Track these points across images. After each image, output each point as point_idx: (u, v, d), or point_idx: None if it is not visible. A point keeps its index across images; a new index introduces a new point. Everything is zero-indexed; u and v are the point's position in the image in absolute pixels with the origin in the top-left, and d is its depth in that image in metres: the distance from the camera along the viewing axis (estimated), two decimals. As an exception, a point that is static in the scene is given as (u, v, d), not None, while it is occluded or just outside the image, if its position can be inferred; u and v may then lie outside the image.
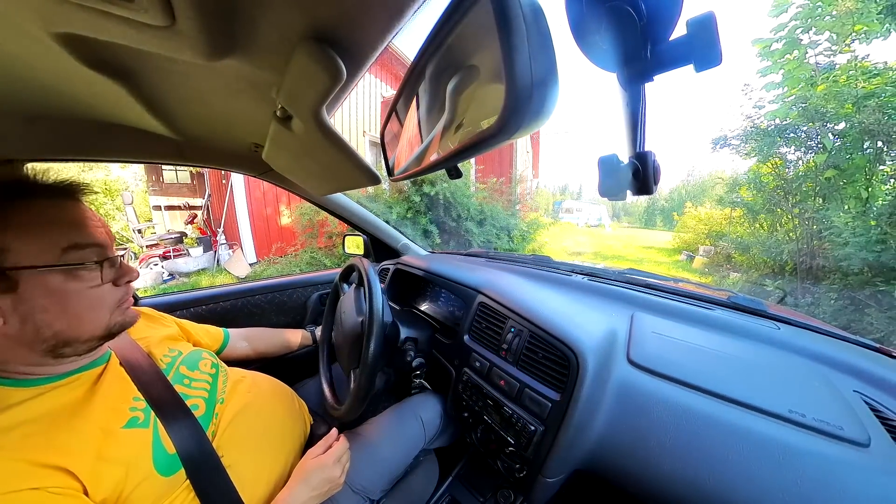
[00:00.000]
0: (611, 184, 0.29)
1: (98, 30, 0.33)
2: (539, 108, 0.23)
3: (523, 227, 5.92)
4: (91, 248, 0.45)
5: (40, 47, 0.39)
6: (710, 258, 7.08)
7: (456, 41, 0.30)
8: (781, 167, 4.73)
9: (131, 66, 0.45)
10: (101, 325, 0.47)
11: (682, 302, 0.78)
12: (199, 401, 0.59)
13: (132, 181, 8.84)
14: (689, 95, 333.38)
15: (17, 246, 0.40)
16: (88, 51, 0.39)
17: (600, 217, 29.45)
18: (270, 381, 0.78)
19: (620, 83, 0.29)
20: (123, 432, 0.47)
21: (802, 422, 0.47)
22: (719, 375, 0.55)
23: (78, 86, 0.53)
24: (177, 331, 0.74)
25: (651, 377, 0.58)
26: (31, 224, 0.42)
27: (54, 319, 0.43)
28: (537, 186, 17.75)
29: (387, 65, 6.38)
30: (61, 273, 0.42)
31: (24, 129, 0.70)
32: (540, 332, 0.66)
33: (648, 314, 0.75)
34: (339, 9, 0.30)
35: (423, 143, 0.45)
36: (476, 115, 0.33)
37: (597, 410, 0.58)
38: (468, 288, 0.89)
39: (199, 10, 0.29)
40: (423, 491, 0.81)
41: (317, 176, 0.79)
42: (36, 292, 0.41)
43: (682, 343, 0.64)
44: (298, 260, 5.29)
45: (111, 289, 0.48)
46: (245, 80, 0.45)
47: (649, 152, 0.28)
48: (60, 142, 0.76)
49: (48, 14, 0.32)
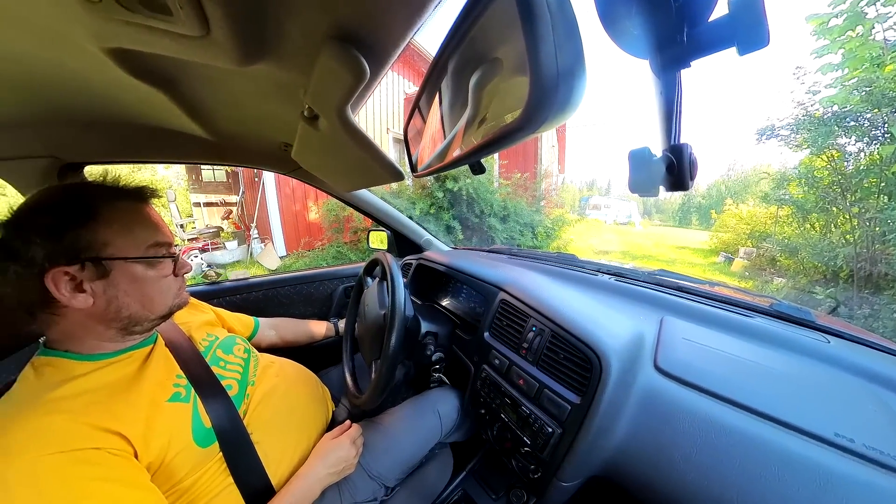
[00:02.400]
0: (642, 179, 0.28)
1: (143, 43, 0.36)
2: (565, 99, 0.22)
3: (548, 224, 5.79)
4: (164, 245, 0.54)
5: (95, 62, 0.43)
6: (751, 261, 6.55)
7: (478, 34, 0.29)
8: (839, 160, 4.24)
9: (172, 75, 0.49)
10: (166, 306, 0.55)
11: (718, 307, 0.72)
12: (232, 381, 0.63)
13: (175, 180, 9.51)
14: (731, 82, 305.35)
15: (114, 240, 0.48)
16: (135, 62, 0.44)
17: (630, 214, 28.14)
18: (297, 367, 0.82)
19: (653, 70, 0.27)
20: (168, 405, 0.52)
21: (850, 447, 0.42)
22: (756, 389, 0.51)
23: (127, 94, 0.59)
24: (214, 317, 0.80)
25: (679, 386, 0.55)
26: (124, 222, 0.50)
27: (133, 301, 0.51)
28: (563, 182, 17.23)
29: (409, 61, 6.40)
30: (144, 264, 0.51)
31: (82, 135, 0.78)
32: (562, 333, 0.64)
33: (679, 319, 0.71)
34: (362, 8, 0.31)
35: (446, 138, 0.45)
36: (500, 108, 0.33)
37: (618, 417, 0.56)
38: (490, 285, 0.89)
39: (231, 20, 0.31)
40: (437, 483, 0.82)
41: (342, 173, 0.81)
42: (123, 279, 0.49)
43: (716, 352, 0.60)
44: (325, 254, 5.47)
45: (173, 278, 0.56)
46: (274, 82, 0.48)
47: (685, 145, 0.26)
48: (113, 146, 0.84)
49: (101, 32, 0.36)
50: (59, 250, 0.45)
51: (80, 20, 0.33)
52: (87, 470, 0.39)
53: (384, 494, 0.72)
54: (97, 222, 0.47)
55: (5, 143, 0.75)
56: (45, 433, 0.40)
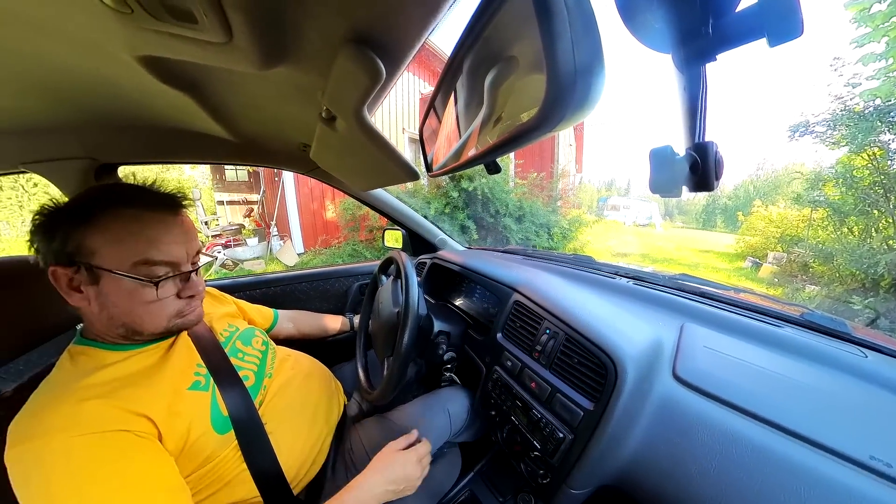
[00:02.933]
0: (664, 179, 0.27)
1: (171, 50, 0.39)
2: (583, 97, 0.21)
3: (564, 225, 5.68)
4: (161, 265, 0.50)
5: (127, 69, 0.46)
6: (780, 266, 6.19)
7: (493, 32, 0.29)
8: (881, 158, 3.95)
9: (198, 80, 0.52)
10: (159, 326, 0.53)
11: (743, 315, 0.69)
12: (249, 372, 0.65)
13: (200, 179, 9.92)
14: (760, 75, 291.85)
15: (102, 250, 0.47)
16: (164, 69, 0.46)
17: (650, 215, 27.26)
18: (311, 361, 0.84)
19: (676, 65, 0.25)
20: (188, 392, 0.54)
21: (887, 472, 0.39)
22: (783, 404, 0.48)
23: (156, 99, 0.62)
24: (235, 309, 0.83)
25: (698, 396, 0.52)
26: (116, 232, 0.47)
27: (122, 314, 0.50)
28: (580, 181, 16.88)
29: (425, 62, 6.43)
30: (130, 280, 0.48)
31: (116, 137, 0.83)
32: (577, 336, 0.63)
33: (701, 326, 0.68)
34: (377, 10, 0.31)
35: (462, 138, 0.45)
36: (516, 107, 0.32)
37: (633, 426, 0.54)
38: (504, 285, 0.88)
39: (252, 26, 0.32)
40: (444, 482, 0.82)
41: (359, 172, 0.82)
42: (111, 290, 0.48)
43: (740, 362, 0.57)
44: (341, 251, 5.58)
45: (174, 300, 0.53)
46: (293, 85, 0.49)
47: (710, 143, 0.25)
48: (144, 147, 0.89)
49: (133, 41, 0.38)
50: (54, 249, 0.46)
51: (115, 31, 0.36)
52: (115, 450, 0.42)
53: None
54: (90, 227, 0.46)
55: (49, 145, 0.80)
56: (78, 416, 0.42)
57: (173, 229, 0.52)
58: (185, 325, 0.56)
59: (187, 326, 0.57)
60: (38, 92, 0.59)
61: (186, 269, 0.53)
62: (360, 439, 0.75)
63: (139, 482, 0.41)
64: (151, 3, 0.29)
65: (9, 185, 5.85)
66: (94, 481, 0.39)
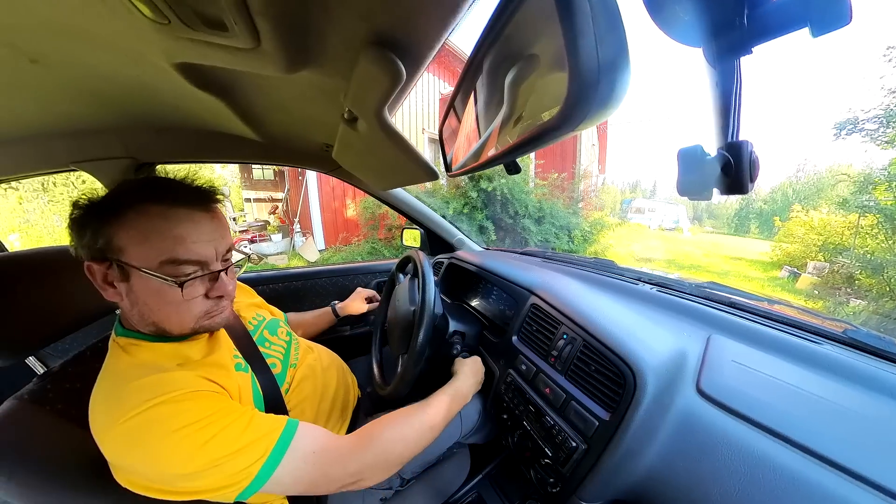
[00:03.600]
0: (693, 180, 0.25)
1: (204, 57, 0.41)
2: (607, 95, 0.21)
3: (585, 227, 5.55)
4: (188, 264, 0.48)
5: (165, 75, 0.49)
6: (822, 278, 5.74)
7: (513, 31, 0.29)
8: None
9: (228, 84, 0.55)
10: (186, 327, 0.52)
11: (778, 329, 0.64)
12: (276, 360, 0.68)
13: (229, 178, 10.39)
14: (802, 68, 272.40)
15: (130, 248, 0.46)
16: (197, 74, 0.49)
17: (677, 219, 26.07)
18: (330, 354, 0.87)
19: (708, 59, 0.24)
20: (236, 372, 0.57)
21: None
22: (819, 428, 0.44)
23: (190, 102, 0.66)
24: (260, 300, 0.86)
25: (723, 413, 0.49)
26: (142, 230, 0.46)
27: (151, 313, 0.50)
28: (603, 183, 16.37)
29: (444, 62, 6.45)
30: (157, 280, 0.46)
31: (155, 138, 0.90)
32: (595, 343, 0.61)
33: (730, 338, 0.63)
34: (397, 12, 0.31)
35: (481, 138, 0.45)
36: (536, 106, 0.32)
37: (651, 440, 0.51)
38: (521, 287, 0.87)
39: (278, 32, 0.34)
40: (452, 482, 0.83)
41: (380, 172, 0.84)
42: (140, 288, 0.48)
43: (772, 380, 0.53)
44: (360, 249, 5.69)
45: (201, 300, 0.51)
46: (317, 87, 0.51)
47: (744, 142, 0.23)
48: (179, 147, 0.95)
49: (170, 49, 0.41)
50: (86, 245, 0.47)
51: (154, 41, 0.38)
52: (212, 401, 0.46)
53: (399, 485, 0.74)
54: (118, 224, 0.45)
55: (94, 146, 0.88)
56: (169, 383, 0.45)
57: (202, 226, 0.49)
58: (211, 327, 0.55)
59: (214, 328, 0.56)
60: (87, 98, 0.64)
61: (216, 267, 0.51)
62: None
63: (239, 426, 0.45)
64: (186, 13, 0.31)
65: (61, 182, 6.36)
66: (208, 426, 0.43)
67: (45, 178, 6.14)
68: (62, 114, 0.71)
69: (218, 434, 0.43)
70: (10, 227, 5.83)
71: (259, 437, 0.45)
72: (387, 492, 0.72)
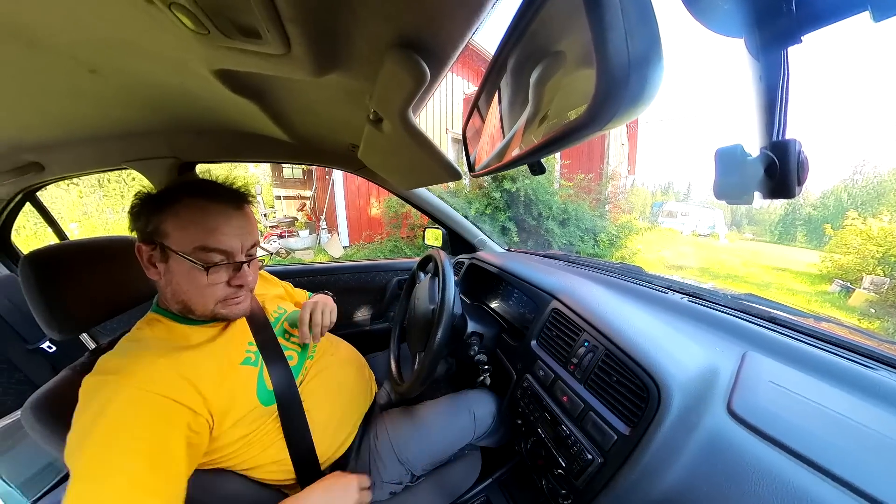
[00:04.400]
0: (732, 183, 0.23)
1: (240, 63, 0.44)
2: (637, 91, 0.19)
3: (612, 231, 5.35)
4: (215, 252, 0.55)
5: (205, 82, 0.53)
6: (880, 294, 5.16)
7: (539, 27, 0.28)
8: None
9: (261, 88, 0.58)
10: (207, 309, 0.58)
11: (825, 350, 0.58)
12: (293, 353, 0.71)
13: (262, 176, 10.93)
14: (860, 56, 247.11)
15: (173, 233, 0.54)
16: (234, 80, 0.52)
17: (713, 224, 24.49)
18: (349, 348, 0.89)
19: (750, 51, 0.22)
20: (240, 367, 0.61)
21: None
22: (869, 465, 0.39)
23: (227, 106, 0.70)
24: (283, 292, 0.90)
25: (755, 437, 0.45)
26: (183, 219, 0.54)
27: (180, 292, 0.57)
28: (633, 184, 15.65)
29: (468, 62, 6.43)
30: (189, 262, 0.54)
31: (195, 140, 0.97)
32: (618, 353, 0.58)
33: (768, 356, 0.58)
34: (421, 13, 0.32)
35: (505, 137, 0.44)
36: (563, 104, 0.31)
37: (673, 460, 0.48)
38: (543, 291, 0.85)
39: (308, 38, 0.35)
40: (461, 483, 0.82)
41: (404, 172, 0.85)
42: (175, 268, 0.55)
43: (813, 405, 0.48)
44: (383, 247, 5.80)
45: (223, 287, 0.57)
46: (344, 90, 0.53)
47: (792, 141, 0.21)
48: (217, 148, 1.02)
49: (209, 57, 0.44)
50: (140, 229, 0.56)
51: (195, 50, 0.42)
52: (155, 413, 0.47)
53: (409, 480, 0.75)
54: (167, 213, 0.54)
55: (144, 147, 0.96)
56: (148, 372, 0.50)
57: (232, 221, 0.56)
58: (229, 315, 0.60)
59: (231, 317, 0.61)
60: (137, 103, 0.70)
61: (239, 259, 0.58)
62: (386, 427, 0.78)
63: (148, 449, 0.45)
64: (224, 23, 0.33)
65: (114, 179, 6.94)
66: (128, 433, 0.44)
67: (100, 175, 6.71)
68: (116, 118, 0.79)
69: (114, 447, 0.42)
70: (71, 218, 6.42)
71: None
72: (397, 486, 0.73)
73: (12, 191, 1.15)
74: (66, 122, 0.78)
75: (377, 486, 0.72)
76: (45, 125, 0.78)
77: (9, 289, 1.23)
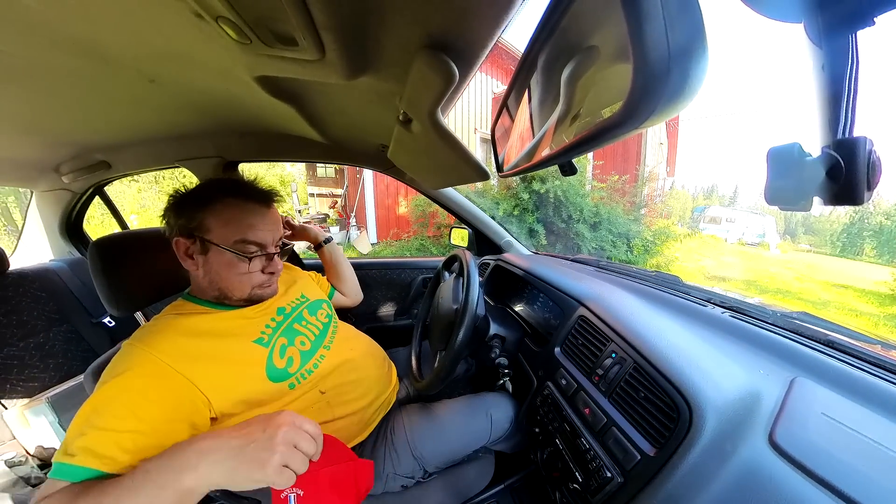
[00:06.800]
0: (787, 186, 0.21)
1: (278, 69, 0.47)
2: (678, 86, 0.18)
3: (647, 237, 5.08)
4: (253, 245, 0.63)
5: (247, 88, 0.58)
6: None
7: (570, 22, 0.27)
8: None
9: (298, 92, 0.62)
10: (244, 293, 0.66)
11: (893, 382, 0.50)
12: (306, 339, 0.74)
13: (297, 175, 11.52)
14: None
15: (215, 228, 0.60)
16: (273, 85, 0.57)
17: (763, 232, 22.30)
18: (371, 342, 0.92)
19: (811, 37, 0.20)
20: (252, 345, 0.65)
21: None
22: None
23: (267, 109, 0.76)
24: (308, 281, 0.94)
25: (800, 475, 0.40)
26: (226, 216, 0.61)
27: (219, 280, 0.63)
28: (671, 186, 14.68)
29: (497, 61, 6.36)
30: (230, 254, 0.61)
31: (238, 141, 1.07)
32: (647, 367, 0.54)
33: (821, 385, 0.51)
34: (449, 14, 0.32)
35: (535, 137, 0.43)
36: (596, 102, 0.29)
37: (701, 489, 0.44)
38: (570, 297, 0.82)
39: (341, 43, 0.38)
40: (473, 485, 0.81)
41: (432, 171, 0.87)
42: (215, 260, 0.62)
43: (873, 445, 0.41)
44: (410, 245, 5.88)
45: (259, 274, 0.65)
46: (374, 92, 0.55)
47: (861, 138, 0.18)
48: (258, 148, 1.11)
49: (251, 65, 0.48)
50: (180, 224, 0.61)
51: (238, 58, 0.46)
52: (165, 384, 0.52)
53: (421, 476, 0.76)
54: (209, 210, 0.60)
55: (193, 147, 1.07)
56: (172, 347, 0.56)
57: (266, 218, 0.65)
58: (262, 297, 0.69)
59: (264, 298, 0.69)
60: (188, 108, 0.77)
61: (272, 251, 0.66)
62: (403, 422, 0.79)
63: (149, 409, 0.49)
64: (264, 33, 0.36)
65: (169, 176, 7.59)
66: (139, 394, 0.49)
67: (156, 173, 7.37)
68: (170, 122, 0.88)
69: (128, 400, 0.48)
70: (131, 210, 7.11)
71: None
72: (409, 480, 0.74)
73: (85, 185, 1.29)
74: (128, 126, 0.88)
75: (390, 477, 0.73)
76: (111, 129, 0.88)
77: (80, 270, 1.39)
